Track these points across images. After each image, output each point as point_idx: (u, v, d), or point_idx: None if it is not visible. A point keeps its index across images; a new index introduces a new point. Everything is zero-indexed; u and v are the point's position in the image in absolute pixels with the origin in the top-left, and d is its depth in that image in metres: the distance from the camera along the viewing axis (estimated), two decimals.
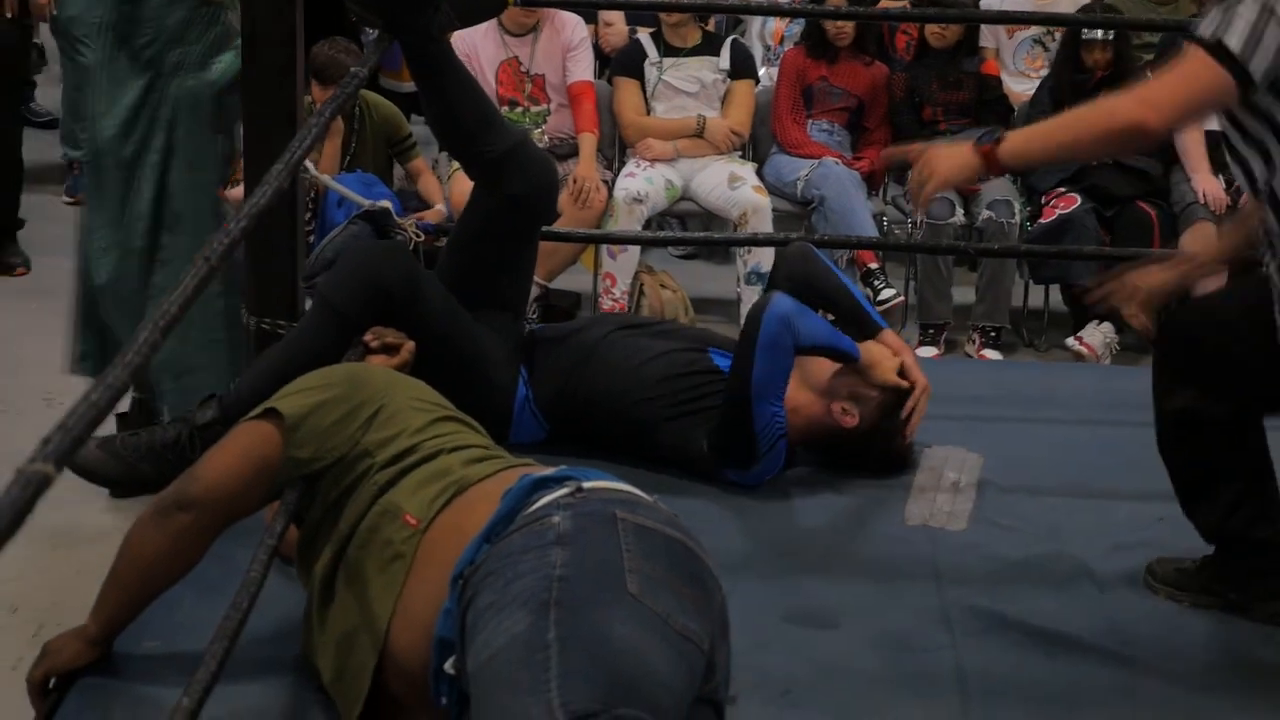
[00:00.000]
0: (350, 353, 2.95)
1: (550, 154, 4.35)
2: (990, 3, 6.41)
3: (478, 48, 5.67)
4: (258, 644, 2.38)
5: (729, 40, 6.02)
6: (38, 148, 6.65)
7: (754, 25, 6.66)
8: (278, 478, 2.34)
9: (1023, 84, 6.34)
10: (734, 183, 5.75)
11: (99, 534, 3.54)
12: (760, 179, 5.86)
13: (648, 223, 5.81)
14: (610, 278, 5.70)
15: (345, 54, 5.42)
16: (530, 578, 1.99)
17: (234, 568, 2.31)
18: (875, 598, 2.80)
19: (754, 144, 6.13)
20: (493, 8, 3.69)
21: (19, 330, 5.38)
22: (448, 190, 5.68)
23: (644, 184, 5.71)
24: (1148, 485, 3.03)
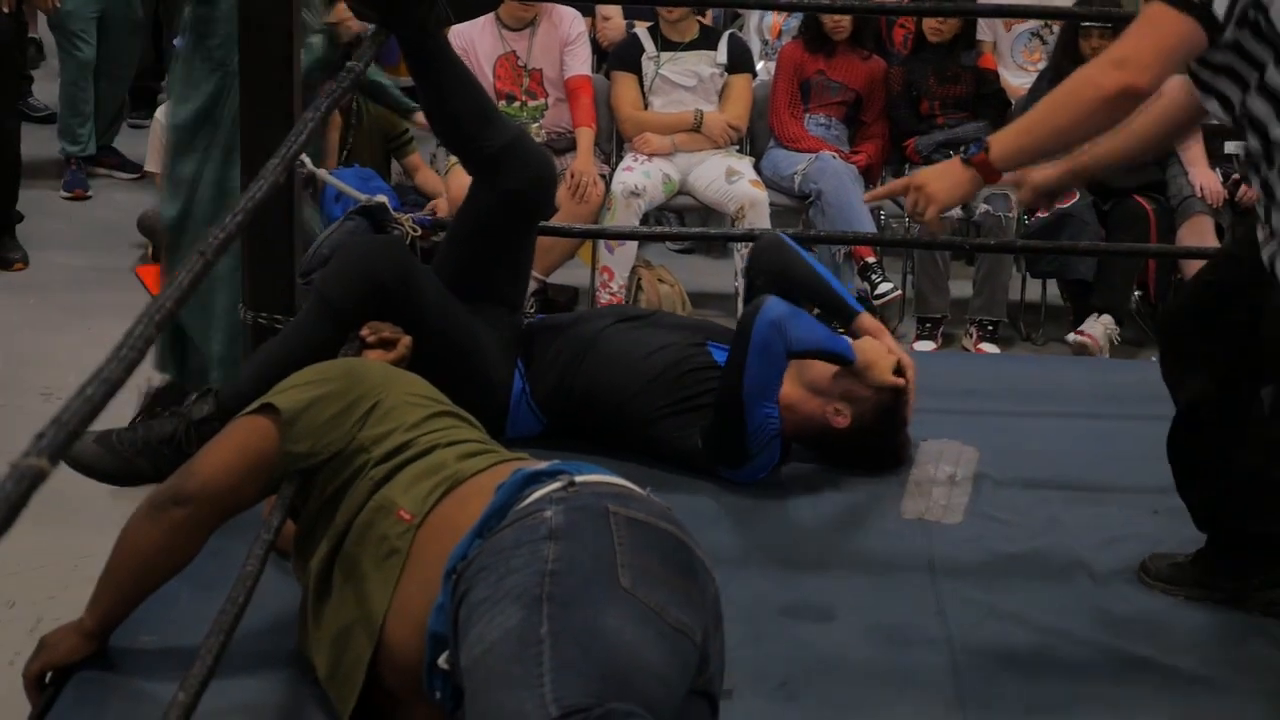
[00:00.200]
0: (347, 347, 2.95)
1: (548, 148, 4.36)
2: None
3: (475, 42, 5.67)
4: (254, 639, 2.38)
5: (726, 34, 6.02)
6: (35, 143, 6.65)
7: (751, 19, 6.66)
8: (274, 473, 2.34)
9: (1021, 77, 6.32)
10: (731, 177, 5.75)
11: (97, 528, 3.54)
12: (758, 173, 5.86)
13: (645, 217, 5.81)
14: (608, 272, 5.70)
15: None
16: (523, 572, 1.99)
17: (230, 562, 2.31)
18: (871, 591, 2.80)
19: (751, 138, 6.13)
20: (489, 2, 3.69)
21: (17, 325, 5.39)
22: (445, 185, 5.69)
23: (641, 178, 5.71)
24: (1143, 479, 3.04)
